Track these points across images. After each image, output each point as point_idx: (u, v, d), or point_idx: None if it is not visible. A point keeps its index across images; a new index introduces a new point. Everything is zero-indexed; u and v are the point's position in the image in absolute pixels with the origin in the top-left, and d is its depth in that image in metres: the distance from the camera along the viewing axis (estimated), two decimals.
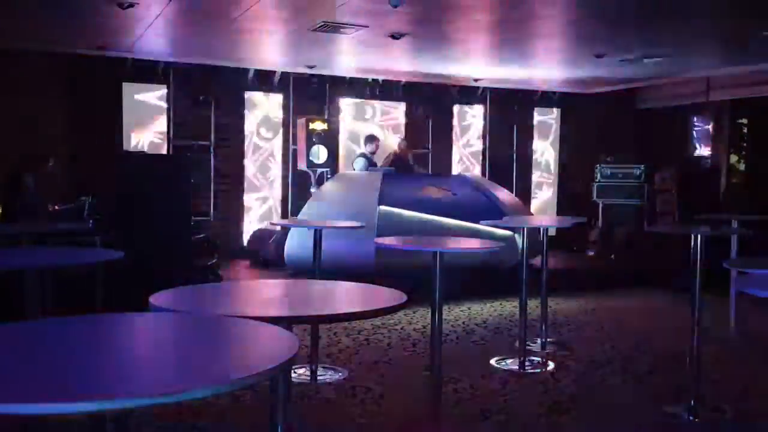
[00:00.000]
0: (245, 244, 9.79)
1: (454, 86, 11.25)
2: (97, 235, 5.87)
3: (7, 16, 7.11)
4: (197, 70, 9.63)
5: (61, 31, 7.77)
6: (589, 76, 10.33)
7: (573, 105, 12.10)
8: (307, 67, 9.88)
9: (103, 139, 8.96)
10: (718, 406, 4.30)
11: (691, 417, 4.11)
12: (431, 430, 3.74)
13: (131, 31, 7.71)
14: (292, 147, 10.31)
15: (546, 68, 10.12)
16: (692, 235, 4.27)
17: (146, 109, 9.67)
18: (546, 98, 12.08)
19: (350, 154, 10.54)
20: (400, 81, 10.84)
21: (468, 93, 11.46)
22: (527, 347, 5.33)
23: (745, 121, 11.34)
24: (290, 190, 10.40)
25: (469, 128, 11.80)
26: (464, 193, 8.31)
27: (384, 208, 7.51)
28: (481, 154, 11.84)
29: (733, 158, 11.30)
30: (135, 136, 9.60)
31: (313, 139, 9.53)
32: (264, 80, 10.20)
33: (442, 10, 6.68)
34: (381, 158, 9.70)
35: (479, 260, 7.03)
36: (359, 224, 5.27)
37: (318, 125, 9.56)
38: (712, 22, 6.99)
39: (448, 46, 8.47)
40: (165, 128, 9.74)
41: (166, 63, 9.48)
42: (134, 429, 3.72)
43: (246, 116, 10.26)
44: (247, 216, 10.34)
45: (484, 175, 11.54)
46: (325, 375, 4.82)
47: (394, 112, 11.22)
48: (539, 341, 5.69)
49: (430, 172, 10.92)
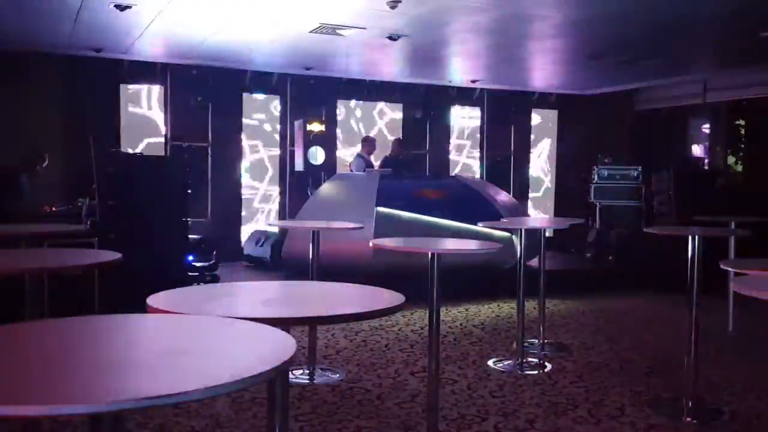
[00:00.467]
0: (242, 245, 9.78)
1: (452, 87, 11.26)
2: (95, 236, 5.86)
3: (5, 17, 7.11)
4: (195, 71, 9.62)
5: (59, 33, 7.77)
6: (587, 77, 10.34)
7: (570, 106, 12.11)
8: (305, 68, 9.88)
9: (100, 141, 8.94)
10: (716, 407, 4.30)
11: (688, 418, 4.12)
12: None
13: (129, 33, 7.71)
14: (289, 148, 10.31)
15: (543, 70, 10.14)
16: (690, 237, 4.28)
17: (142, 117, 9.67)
18: (543, 100, 12.09)
19: (348, 155, 10.54)
20: (398, 82, 10.85)
21: (465, 94, 11.47)
22: (525, 348, 5.33)
23: (742, 122, 11.36)
24: (288, 191, 10.40)
25: (467, 130, 11.80)
26: (462, 195, 8.30)
27: (381, 209, 7.51)
28: (478, 155, 11.85)
29: (731, 159, 11.32)
30: (133, 137, 9.60)
31: (311, 140, 9.54)
32: (262, 81, 10.20)
33: (438, 12, 6.68)
34: (378, 159, 9.71)
35: (477, 261, 7.02)
36: (357, 225, 5.26)
37: (315, 126, 9.56)
38: (710, 24, 7.00)
39: (445, 47, 8.48)
40: (162, 130, 9.73)
41: (164, 64, 9.47)
42: (132, 430, 3.72)
43: (243, 117, 10.26)
44: (244, 217, 10.33)
45: (481, 176, 11.55)
46: (322, 376, 4.82)
47: (391, 113, 11.22)
48: (537, 342, 5.70)
49: (428, 173, 10.92)
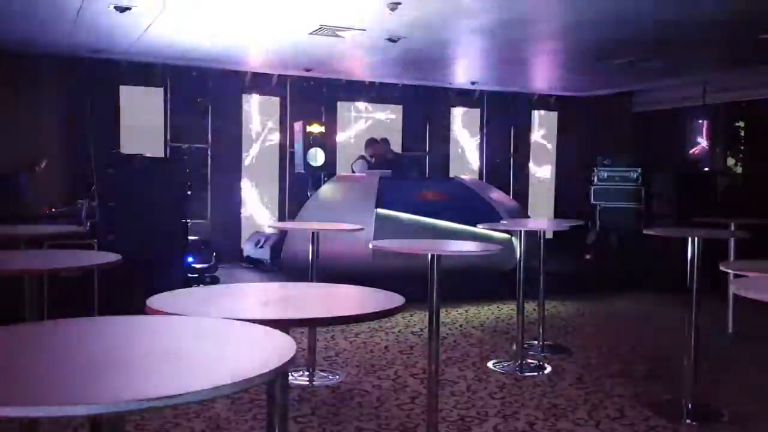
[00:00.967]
0: (242, 247, 9.78)
1: (452, 89, 11.26)
2: (94, 237, 5.86)
3: (5, 18, 7.11)
4: (194, 73, 9.63)
5: (59, 34, 7.77)
6: (587, 79, 10.34)
7: (570, 108, 12.11)
8: (305, 69, 9.88)
9: (100, 142, 8.95)
10: (716, 409, 4.30)
11: (688, 420, 4.11)
12: None
13: (128, 34, 7.71)
14: (289, 150, 10.31)
15: (543, 71, 10.14)
16: (689, 238, 4.28)
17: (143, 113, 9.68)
18: (543, 101, 12.09)
19: (347, 156, 10.54)
20: (398, 84, 10.85)
21: (465, 96, 11.47)
22: (525, 350, 5.33)
23: (742, 124, 11.36)
24: (287, 192, 10.40)
25: (466, 131, 11.80)
26: (462, 196, 8.30)
27: (381, 210, 7.51)
28: (478, 157, 11.85)
29: (731, 161, 11.32)
30: (132, 138, 9.59)
31: (311, 142, 9.54)
32: (261, 83, 10.20)
33: (438, 14, 6.68)
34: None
35: (477, 263, 7.02)
36: (356, 227, 5.26)
37: (315, 128, 9.57)
38: (710, 26, 7.00)
39: (445, 49, 8.48)
40: (162, 132, 9.73)
41: (163, 65, 9.48)
42: (131, 431, 3.72)
43: (243, 119, 10.26)
44: (244, 218, 10.33)
45: (481, 178, 11.55)
46: (322, 378, 4.81)
47: (391, 114, 11.22)
48: (537, 344, 5.70)
49: (428, 175, 10.92)
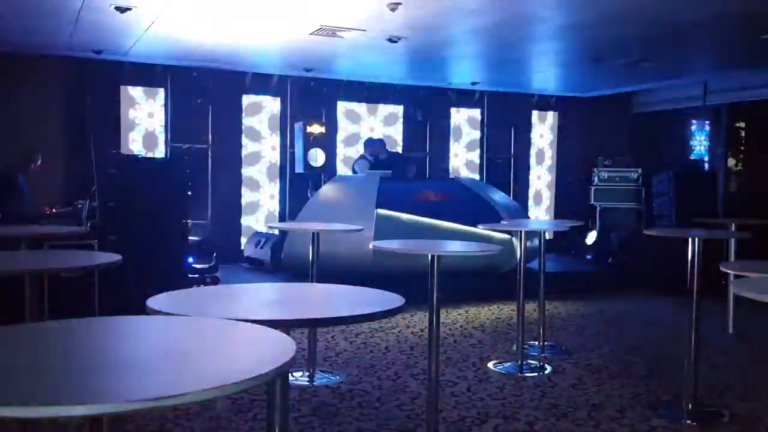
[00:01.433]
0: (242, 247, 9.78)
1: (452, 90, 11.26)
2: (95, 238, 5.86)
3: (5, 18, 7.11)
4: (195, 73, 9.63)
5: (59, 35, 7.77)
6: (587, 79, 10.34)
7: (570, 108, 12.11)
8: (305, 70, 9.88)
9: (101, 143, 8.95)
10: (716, 409, 4.30)
11: (688, 421, 4.11)
12: None
13: (129, 35, 7.71)
14: (289, 150, 10.30)
15: (543, 72, 10.13)
16: (690, 239, 4.28)
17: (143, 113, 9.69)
18: (543, 101, 12.09)
19: (348, 157, 10.54)
20: (398, 84, 10.85)
21: (465, 96, 11.47)
22: (525, 350, 5.33)
23: (742, 125, 11.36)
24: (288, 193, 10.40)
25: (467, 131, 11.80)
26: (462, 197, 8.30)
27: (381, 211, 7.51)
28: (478, 157, 11.84)
29: (731, 162, 11.32)
30: (132, 138, 9.60)
31: (311, 142, 9.54)
32: (261, 83, 10.20)
33: (438, 14, 6.68)
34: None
35: (477, 263, 7.02)
36: (357, 227, 5.27)
37: (315, 128, 9.56)
38: (710, 27, 7.00)
39: (445, 49, 8.47)
40: (162, 131, 9.73)
41: (164, 66, 9.47)
42: (132, 431, 3.72)
43: (243, 119, 10.26)
44: (244, 219, 10.33)
45: (481, 178, 11.54)
46: (322, 378, 4.81)
47: (391, 115, 11.22)
48: (537, 344, 5.70)
49: (428, 175, 10.91)
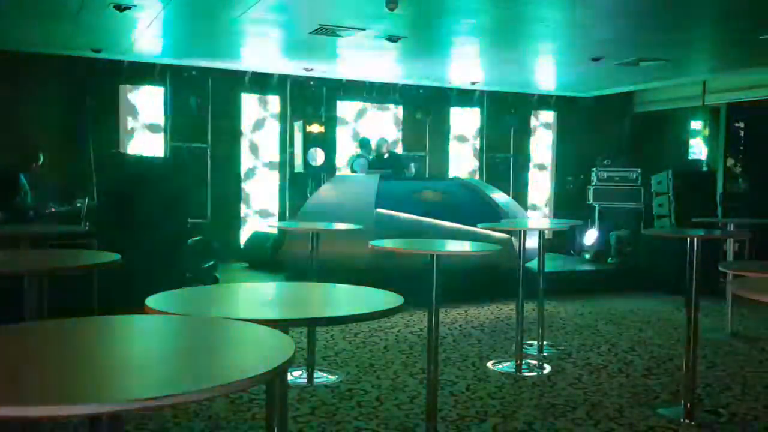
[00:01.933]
0: (242, 246, 9.78)
1: (451, 89, 11.26)
2: (94, 237, 5.86)
3: (4, 18, 7.11)
4: (194, 72, 9.63)
5: (58, 33, 7.77)
6: (587, 79, 10.34)
7: (570, 108, 12.11)
8: (305, 69, 9.88)
9: (100, 142, 8.96)
10: (714, 409, 4.31)
11: (686, 420, 4.12)
12: None
13: (129, 33, 7.71)
14: (289, 149, 10.31)
15: (543, 71, 10.14)
16: (688, 239, 4.28)
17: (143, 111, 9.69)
18: (543, 101, 12.09)
19: (347, 156, 10.54)
20: (397, 84, 10.85)
21: (465, 96, 11.47)
22: (524, 350, 5.34)
23: (741, 124, 11.36)
24: (287, 192, 10.40)
25: (466, 131, 11.80)
26: (461, 196, 8.30)
27: (381, 210, 7.51)
28: (478, 157, 11.85)
29: (730, 162, 11.32)
30: (132, 138, 9.60)
31: (310, 142, 9.54)
32: (261, 83, 10.20)
33: (437, 14, 6.68)
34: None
35: (476, 263, 7.02)
36: (356, 227, 5.26)
37: (315, 128, 9.56)
38: (710, 26, 7.00)
39: (445, 49, 8.48)
40: (162, 131, 9.74)
41: (164, 65, 9.48)
42: (131, 431, 3.72)
43: (243, 118, 10.26)
44: (243, 218, 10.33)
45: (481, 177, 11.55)
46: (321, 378, 4.81)
47: (390, 115, 11.22)
48: (536, 344, 5.70)
49: (428, 175, 10.92)
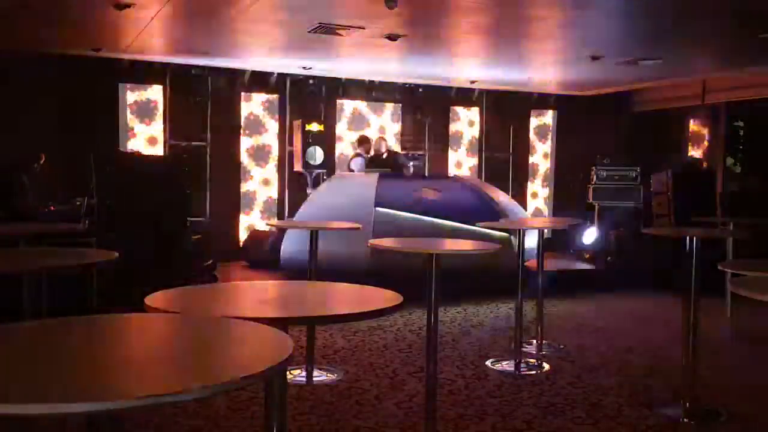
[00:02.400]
0: (241, 245, 9.78)
1: (451, 88, 11.26)
2: (93, 236, 5.86)
3: (3, 17, 7.10)
4: (194, 71, 9.63)
5: (57, 33, 7.76)
6: (586, 78, 10.34)
7: (569, 107, 12.11)
8: (304, 68, 9.88)
9: (99, 140, 8.95)
10: (714, 408, 4.31)
11: (686, 419, 4.12)
12: None
13: (128, 32, 7.70)
14: (288, 148, 10.31)
15: (542, 70, 10.13)
16: (688, 238, 4.28)
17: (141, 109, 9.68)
18: (542, 100, 12.09)
19: (346, 155, 10.54)
20: (396, 83, 10.85)
21: (464, 95, 11.47)
22: (523, 349, 5.34)
23: (741, 123, 11.37)
24: (286, 191, 10.40)
25: (466, 130, 11.80)
26: (461, 195, 8.30)
27: (380, 209, 7.51)
28: (477, 156, 11.85)
29: (729, 161, 11.32)
30: (131, 136, 9.60)
31: (309, 141, 9.54)
32: (260, 81, 10.19)
33: (437, 12, 6.68)
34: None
35: (476, 262, 7.02)
36: (355, 225, 5.26)
37: (314, 126, 9.56)
38: (709, 25, 7.00)
39: (444, 47, 8.47)
40: (161, 129, 9.73)
41: (163, 63, 9.47)
42: (130, 429, 3.71)
43: (242, 117, 10.25)
44: (242, 217, 10.33)
45: (480, 177, 11.55)
46: (320, 376, 4.82)
47: (390, 113, 11.21)
48: (535, 343, 5.70)
49: (427, 174, 10.92)
